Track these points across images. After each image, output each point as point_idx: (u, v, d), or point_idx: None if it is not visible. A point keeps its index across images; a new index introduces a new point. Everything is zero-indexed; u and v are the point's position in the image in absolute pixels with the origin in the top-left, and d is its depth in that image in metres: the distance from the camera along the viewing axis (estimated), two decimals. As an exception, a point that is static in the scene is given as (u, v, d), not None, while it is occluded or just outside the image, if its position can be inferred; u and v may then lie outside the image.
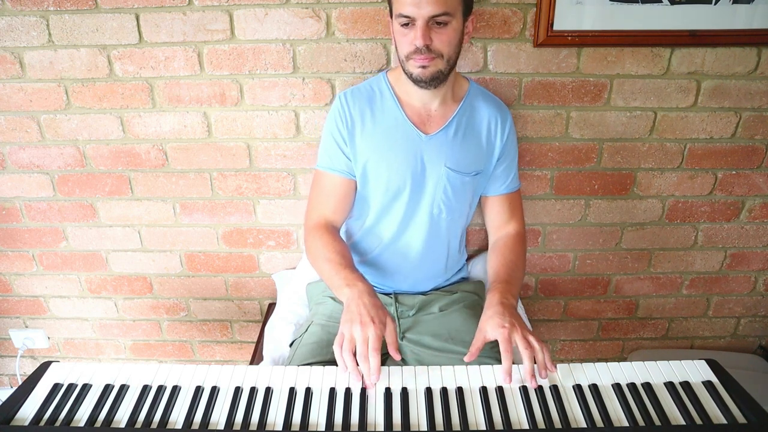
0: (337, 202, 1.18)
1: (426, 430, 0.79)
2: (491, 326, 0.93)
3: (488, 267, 1.17)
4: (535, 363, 0.88)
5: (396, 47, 1.05)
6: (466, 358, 0.92)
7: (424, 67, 1.00)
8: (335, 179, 1.16)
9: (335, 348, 0.89)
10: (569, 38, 1.29)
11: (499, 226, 1.24)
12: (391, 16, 1.02)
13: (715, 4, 1.25)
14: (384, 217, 1.18)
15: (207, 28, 1.30)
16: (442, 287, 1.27)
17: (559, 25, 1.27)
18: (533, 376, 0.86)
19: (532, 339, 0.90)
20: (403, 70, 1.05)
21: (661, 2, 1.25)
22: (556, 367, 0.89)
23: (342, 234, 1.29)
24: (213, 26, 1.30)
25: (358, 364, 0.87)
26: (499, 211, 1.23)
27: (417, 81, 1.03)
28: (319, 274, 1.13)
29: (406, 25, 0.97)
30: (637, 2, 1.25)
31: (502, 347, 0.89)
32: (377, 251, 1.22)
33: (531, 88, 1.37)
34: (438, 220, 1.18)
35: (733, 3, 1.25)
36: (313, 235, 1.14)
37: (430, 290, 1.25)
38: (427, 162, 1.13)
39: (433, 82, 1.03)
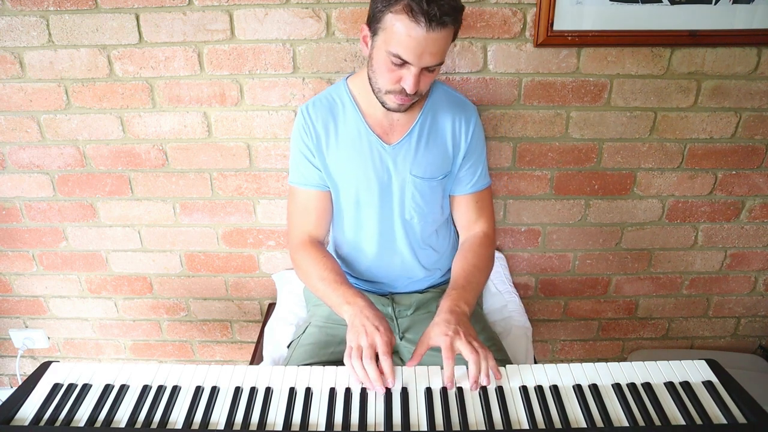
0: (317, 216, 1.16)
1: (426, 430, 0.79)
2: (435, 333, 0.92)
3: (451, 270, 1.14)
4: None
5: (373, 70, 0.99)
6: (407, 365, 0.91)
7: (402, 104, 1.00)
8: (310, 194, 1.15)
9: (346, 361, 0.89)
10: (569, 38, 1.29)
11: (466, 226, 1.21)
12: (372, 33, 0.96)
13: (715, 4, 1.25)
14: (360, 229, 1.17)
15: (207, 28, 1.30)
16: (439, 285, 1.26)
17: (559, 25, 1.27)
18: (476, 382, 0.86)
19: (476, 345, 0.89)
20: (375, 94, 1.02)
21: (661, 2, 1.25)
22: (500, 374, 0.89)
23: (330, 248, 1.29)
24: (213, 26, 1.30)
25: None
26: (465, 210, 1.20)
27: (390, 110, 1.03)
28: (314, 292, 1.12)
29: (397, 63, 0.93)
30: (637, 2, 1.25)
31: (443, 354, 0.88)
32: (367, 264, 1.21)
33: (531, 88, 1.37)
34: (412, 225, 1.17)
35: (733, 3, 1.25)
36: (301, 254, 1.13)
37: (427, 288, 1.25)
38: (393, 171, 1.11)
39: (406, 110, 1.04)
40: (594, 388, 0.86)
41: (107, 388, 0.87)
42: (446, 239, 1.27)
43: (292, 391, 0.86)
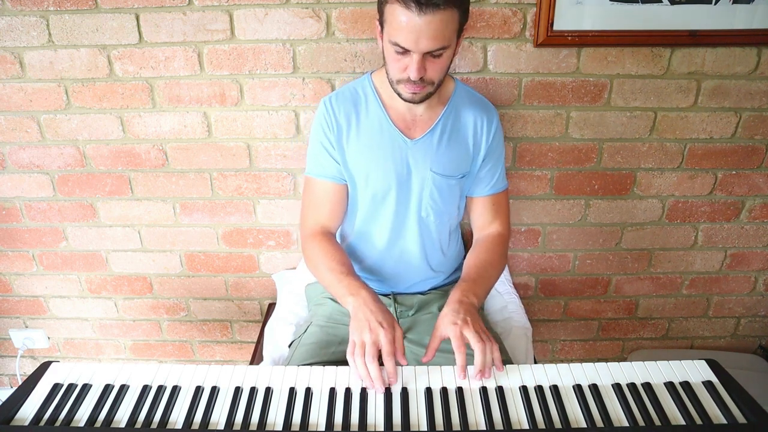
0: (332, 208, 1.17)
1: (426, 430, 0.79)
2: (444, 323, 0.93)
3: (463, 265, 1.15)
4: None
5: (385, 62, 1.01)
6: (423, 359, 0.92)
7: (414, 93, 1.00)
8: (327, 185, 1.15)
9: (348, 357, 0.89)
10: (569, 38, 1.29)
11: (482, 226, 1.22)
12: (381, 27, 0.98)
13: (715, 4, 1.25)
14: (373, 222, 1.18)
15: (207, 28, 1.30)
16: (441, 287, 1.26)
17: (559, 25, 1.27)
18: (481, 371, 0.87)
19: (484, 336, 0.90)
20: (392, 87, 1.03)
21: (661, 2, 1.25)
22: (504, 367, 0.90)
23: (337, 236, 1.29)
24: (213, 26, 1.30)
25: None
26: (482, 212, 1.20)
27: (406, 101, 1.03)
28: (321, 283, 1.13)
29: (400, 52, 0.94)
30: (637, 2, 1.25)
31: (453, 344, 0.89)
32: (374, 258, 1.21)
33: (531, 88, 1.37)
34: (427, 223, 1.17)
35: (733, 3, 1.25)
36: (312, 244, 1.14)
37: (429, 290, 1.25)
38: (413, 166, 1.12)
39: (423, 101, 1.04)
40: (594, 388, 0.86)
41: (107, 388, 0.87)
42: (455, 244, 1.27)
43: (292, 391, 0.86)
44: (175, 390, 0.86)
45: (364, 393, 0.85)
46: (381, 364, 0.88)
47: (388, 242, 1.18)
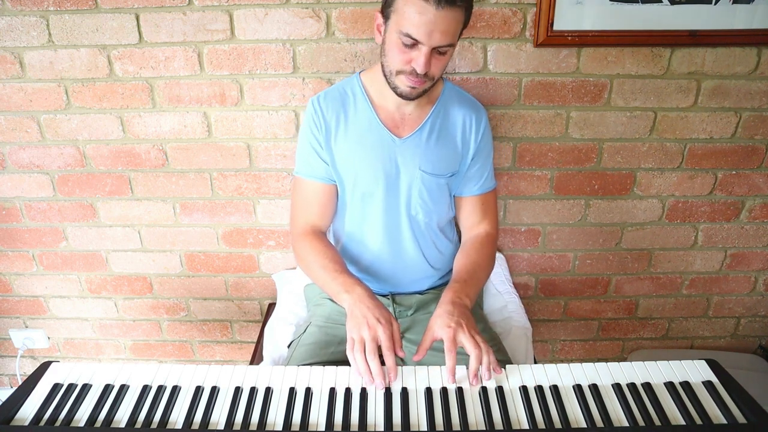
0: (321, 209, 1.17)
1: (426, 430, 0.79)
2: (438, 325, 0.93)
3: (453, 266, 1.15)
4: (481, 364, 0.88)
5: (385, 54, 1.00)
6: (414, 358, 0.93)
7: (413, 87, 1.00)
8: (316, 186, 1.15)
9: (348, 354, 0.90)
10: (569, 38, 1.29)
11: (470, 226, 1.22)
12: (385, 18, 0.98)
13: (715, 4, 1.25)
14: (364, 223, 1.17)
15: (207, 28, 1.30)
16: (439, 286, 1.26)
17: (559, 25, 1.27)
18: (476, 376, 0.87)
19: (479, 339, 0.90)
20: (387, 79, 1.03)
21: (661, 2, 1.25)
22: (503, 369, 0.90)
23: (330, 238, 1.29)
24: (213, 26, 1.30)
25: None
26: (471, 212, 1.21)
27: (401, 96, 1.03)
28: (314, 282, 1.13)
29: (408, 44, 0.95)
30: (637, 2, 1.25)
31: (445, 347, 0.89)
32: (369, 259, 1.21)
33: (531, 88, 1.37)
34: (417, 221, 1.18)
35: (733, 3, 1.25)
36: (302, 244, 1.14)
37: (427, 289, 1.25)
38: (401, 165, 1.12)
39: (417, 97, 1.04)
40: (594, 388, 0.86)
41: (107, 388, 0.87)
42: (450, 242, 1.27)
43: (292, 391, 0.86)
44: (175, 390, 0.86)
45: (364, 393, 0.85)
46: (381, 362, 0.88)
47: (383, 242, 1.18)
